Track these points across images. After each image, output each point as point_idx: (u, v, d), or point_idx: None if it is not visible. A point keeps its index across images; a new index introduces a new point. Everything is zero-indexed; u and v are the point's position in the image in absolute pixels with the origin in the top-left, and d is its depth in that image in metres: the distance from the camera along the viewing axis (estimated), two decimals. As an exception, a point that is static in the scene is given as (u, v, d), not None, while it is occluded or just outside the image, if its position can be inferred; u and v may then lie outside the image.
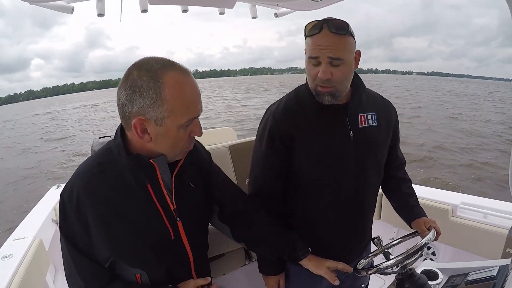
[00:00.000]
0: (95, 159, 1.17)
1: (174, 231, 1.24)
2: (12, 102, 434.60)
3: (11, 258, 2.01)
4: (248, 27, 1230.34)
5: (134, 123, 1.06)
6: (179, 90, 1.05)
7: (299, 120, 1.51)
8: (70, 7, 2.08)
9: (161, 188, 1.20)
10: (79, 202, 1.10)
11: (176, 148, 1.16)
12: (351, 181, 1.54)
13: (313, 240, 1.58)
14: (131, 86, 1.03)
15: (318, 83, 1.41)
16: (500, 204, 2.54)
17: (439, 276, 1.47)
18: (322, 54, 1.34)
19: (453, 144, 14.40)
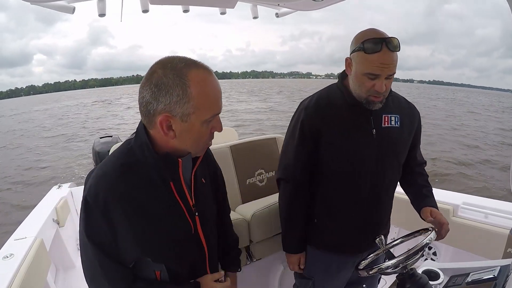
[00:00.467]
0: (118, 160, 1.18)
1: (194, 225, 1.27)
2: (13, 97, 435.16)
3: (12, 258, 2.01)
4: (251, 30, 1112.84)
5: (161, 120, 1.08)
6: (204, 87, 1.08)
7: (328, 115, 1.66)
8: (71, 7, 2.08)
9: (182, 185, 1.23)
10: (107, 203, 1.09)
11: (199, 144, 1.19)
12: (370, 175, 1.68)
13: (331, 227, 1.79)
14: (157, 84, 1.05)
15: (372, 94, 1.54)
16: (501, 204, 2.54)
17: (440, 276, 1.47)
18: (383, 72, 1.48)
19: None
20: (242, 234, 2.03)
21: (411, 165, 1.85)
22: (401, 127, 1.68)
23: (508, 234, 2.06)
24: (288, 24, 76.50)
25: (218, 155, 2.39)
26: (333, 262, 1.85)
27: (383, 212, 1.81)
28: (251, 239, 2.12)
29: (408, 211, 1.82)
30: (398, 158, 1.74)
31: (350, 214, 1.75)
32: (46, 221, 2.74)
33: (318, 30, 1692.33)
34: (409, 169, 1.85)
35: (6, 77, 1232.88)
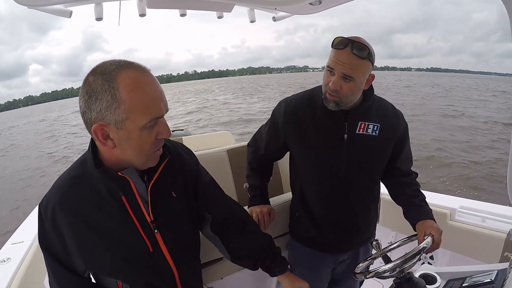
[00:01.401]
0: (70, 172, 1.16)
1: (152, 243, 1.20)
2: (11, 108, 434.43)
3: (9, 262, 2.00)
4: (246, 28, 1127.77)
5: (94, 129, 1.01)
6: (136, 87, 0.99)
7: (304, 113, 1.73)
8: (68, 11, 2.08)
9: (136, 200, 1.16)
10: (54, 215, 1.09)
11: (142, 153, 1.09)
12: (337, 178, 1.73)
13: (308, 222, 1.87)
14: (88, 91, 0.99)
15: (327, 90, 1.58)
16: (499, 208, 2.55)
17: (437, 280, 1.47)
18: (337, 68, 1.52)
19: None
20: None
21: (396, 176, 1.86)
22: (379, 136, 1.69)
23: (505, 238, 2.07)
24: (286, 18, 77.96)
25: (215, 159, 2.39)
26: (313, 257, 1.92)
27: (357, 218, 1.84)
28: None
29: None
30: (371, 166, 1.76)
31: (322, 211, 1.82)
32: None
33: (313, 23, 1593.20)
34: (395, 180, 1.87)
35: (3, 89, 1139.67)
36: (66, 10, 2.07)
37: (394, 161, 1.81)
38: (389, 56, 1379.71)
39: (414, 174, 1.88)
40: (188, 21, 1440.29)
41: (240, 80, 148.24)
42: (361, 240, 1.90)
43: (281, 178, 2.62)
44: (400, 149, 1.79)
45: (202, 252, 1.61)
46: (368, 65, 1.54)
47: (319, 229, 1.85)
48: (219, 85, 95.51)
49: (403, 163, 1.84)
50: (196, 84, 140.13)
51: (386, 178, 1.88)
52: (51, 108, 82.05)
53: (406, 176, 1.86)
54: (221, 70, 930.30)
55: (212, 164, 2.32)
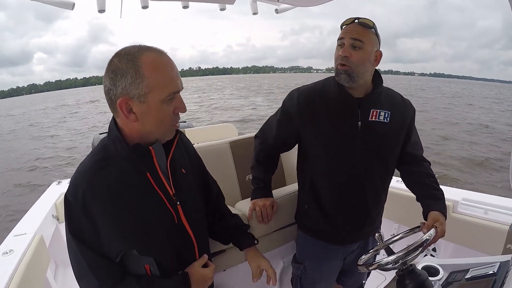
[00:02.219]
0: (93, 157, 1.21)
1: (176, 215, 1.29)
2: (14, 96, 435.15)
3: (11, 254, 2.01)
4: (252, 25, 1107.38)
5: (120, 102, 1.11)
6: (156, 66, 1.12)
7: (316, 102, 1.74)
8: (71, 3, 2.07)
9: (159, 175, 1.25)
10: (85, 200, 1.12)
11: (162, 125, 1.20)
12: (352, 166, 1.74)
13: (318, 214, 1.86)
14: (113, 70, 1.11)
15: (339, 62, 1.63)
16: (501, 200, 2.54)
17: (439, 272, 1.48)
18: (346, 35, 1.60)
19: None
20: (241, 230, 2.03)
21: (408, 162, 1.87)
22: (390, 123, 1.72)
23: (508, 230, 2.07)
24: (289, 18, 76.59)
25: (218, 151, 2.39)
26: (322, 249, 1.92)
27: (370, 206, 1.84)
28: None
29: (408, 207, 1.82)
30: (384, 153, 1.77)
31: (334, 201, 1.82)
32: (45, 217, 2.74)
33: (319, 24, 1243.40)
34: (410, 167, 1.88)
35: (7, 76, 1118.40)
36: (69, 2, 2.07)
37: (405, 146, 1.83)
38: (393, 60, 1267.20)
39: (428, 162, 1.89)
40: (194, 17, 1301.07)
41: (244, 79, 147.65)
42: (371, 230, 1.90)
43: (284, 170, 2.62)
44: (408, 133, 1.82)
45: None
46: (374, 37, 1.63)
47: (330, 220, 1.84)
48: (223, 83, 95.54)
49: (414, 148, 1.86)
50: (202, 81, 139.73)
51: (400, 164, 1.89)
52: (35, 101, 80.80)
53: (420, 164, 1.87)
54: (225, 68, 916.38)
55: (215, 156, 2.32)
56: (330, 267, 1.97)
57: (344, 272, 2.05)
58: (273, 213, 2.01)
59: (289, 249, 2.24)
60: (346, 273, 2.06)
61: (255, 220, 2.00)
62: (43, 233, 2.42)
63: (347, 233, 1.87)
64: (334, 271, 2.01)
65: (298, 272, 2.03)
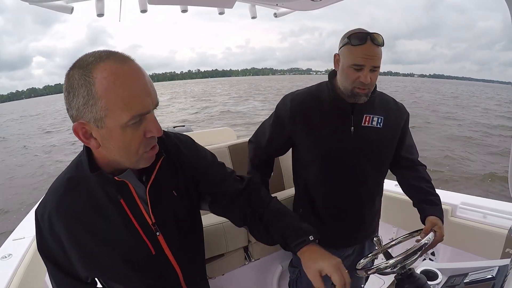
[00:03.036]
0: (66, 174, 1.09)
1: (154, 246, 1.15)
2: (14, 100, 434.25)
3: (10, 258, 2.00)
4: (251, 27, 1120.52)
5: (74, 127, 0.93)
6: (114, 82, 0.88)
7: (309, 107, 1.74)
8: (69, 7, 2.08)
9: (135, 202, 1.10)
10: (51, 221, 1.04)
11: (129, 153, 0.98)
12: (345, 171, 1.75)
13: (312, 218, 1.86)
14: (67, 87, 0.91)
15: (357, 86, 1.59)
16: (500, 204, 2.54)
17: (438, 276, 1.47)
18: (367, 63, 1.54)
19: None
20: (240, 234, 2.04)
21: (404, 166, 1.88)
22: (383, 128, 1.73)
23: (506, 234, 2.07)
24: (288, 20, 76.71)
25: (216, 155, 2.39)
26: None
27: (364, 210, 1.85)
28: (249, 239, 2.12)
29: (406, 211, 1.82)
30: (377, 158, 1.78)
31: (328, 206, 1.83)
32: None
33: (318, 26, 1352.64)
34: (404, 171, 1.89)
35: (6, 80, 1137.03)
36: (67, 6, 2.07)
37: (399, 150, 1.83)
38: (392, 62, 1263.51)
39: (423, 166, 1.89)
40: (193, 19, 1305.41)
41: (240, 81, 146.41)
42: (366, 234, 1.91)
43: (282, 174, 2.62)
44: (402, 137, 1.82)
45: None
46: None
47: (324, 224, 1.84)
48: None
49: (409, 152, 1.86)
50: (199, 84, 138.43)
51: (395, 168, 1.90)
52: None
53: (416, 168, 1.87)
54: (225, 70, 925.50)
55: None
56: None
57: None
58: None
59: (287, 253, 2.23)
60: None
61: None
62: None
63: (342, 238, 1.88)
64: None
65: (293, 276, 2.03)
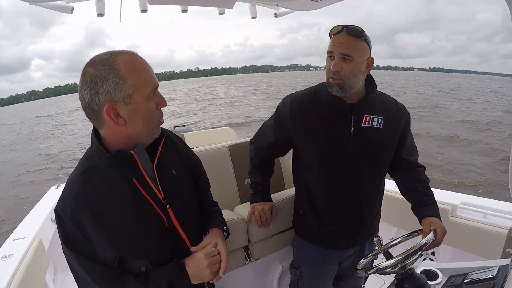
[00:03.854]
0: (78, 169, 1.20)
1: (167, 218, 1.28)
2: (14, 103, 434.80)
3: (10, 258, 2.01)
4: (249, 25, 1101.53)
5: (107, 109, 1.11)
6: (134, 66, 1.13)
7: (309, 107, 1.75)
8: (70, 7, 2.08)
9: (145, 180, 1.24)
10: (74, 213, 1.12)
11: (150, 123, 1.21)
12: (345, 171, 1.74)
13: (313, 219, 1.87)
14: (91, 80, 1.09)
15: (330, 75, 1.63)
16: (500, 204, 2.54)
17: (438, 276, 1.48)
18: (335, 49, 1.60)
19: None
20: (240, 234, 2.04)
21: (403, 168, 1.88)
22: (383, 129, 1.72)
23: (506, 234, 2.07)
24: (287, 17, 78.90)
25: (216, 155, 2.39)
26: (318, 254, 1.93)
27: (364, 211, 1.84)
28: (249, 239, 2.12)
29: (406, 211, 1.82)
30: (377, 159, 1.78)
31: (329, 207, 1.82)
32: (44, 221, 2.74)
33: (317, 22, 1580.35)
34: (403, 173, 1.89)
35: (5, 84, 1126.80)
36: (68, 6, 2.07)
37: (399, 151, 1.83)
38: (392, 56, 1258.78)
39: (422, 167, 1.89)
40: (191, 18, 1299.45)
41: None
42: (366, 235, 1.91)
43: (283, 174, 2.62)
44: (403, 138, 1.82)
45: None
46: (365, 46, 1.61)
47: (324, 225, 1.85)
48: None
49: (408, 154, 1.86)
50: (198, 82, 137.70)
51: (394, 170, 1.90)
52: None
53: (414, 169, 1.87)
54: (224, 68, 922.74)
55: (214, 160, 2.32)
56: (326, 271, 1.98)
57: (341, 276, 2.05)
58: (272, 217, 2.01)
59: (288, 253, 2.24)
60: (343, 277, 2.06)
61: (254, 224, 2.01)
62: (42, 237, 2.42)
63: (342, 238, 1.88)
64: (330, 275, 2.02)
65: (295, 278, 2.03)
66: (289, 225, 2.11)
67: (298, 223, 2.02)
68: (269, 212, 1.99)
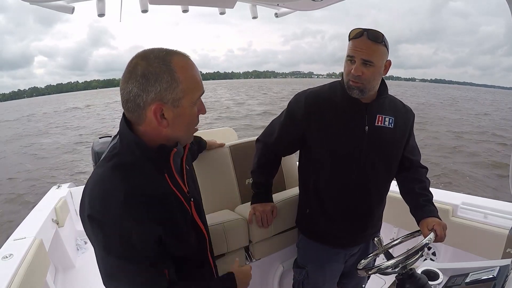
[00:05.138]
0: (109, 165, 1.12)
1: (190, 211, 1.31)
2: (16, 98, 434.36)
3: (11, 258, 2.01)
4: (253, 30, 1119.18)
5: (154, 109, 1.07)
6: (188, 70, 1.11)
7: (323, 104, 1.76)
8: (71, 7, 2.08)
9: (174, 175, 1.25)
10: (117, 213, 1.05)
11: (191, 128, 1.21)
12: (358, 169, 1.75)
13: (320, 217, 1.87)
14: (144, 74, 1.05)
15: (350, 78, 1.63)
16: (501, 204, 2.54)
17: (439, 276, 1.48)
18: (357, 55, 1.59)
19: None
20: (241, 234, 2.03)
21: (406, 167, 1.89)
22: (394, 128, 1.75)
23: (507, 234, 2.07)
24: (291, 23, 76.75)
25: (217, 155, 2.39)
26: (324, 253, 1.93)
27: (373, 208, 1.86)
28: (250, 239, 2.12)
29: (407, 211, 1.82)
30: (388, 157, 1.80)
31: (338, 205, 1.82)
32: (45, 221, 2.74)
33: (321, 29, 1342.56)
34: (405, 172, 1.90)
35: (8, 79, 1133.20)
36: (69, 6, 2.07)
37: (403, 150, 1.85)
38: (394, 66, 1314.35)
39: (425, 168, 1.91)
40: (195, 21, 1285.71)
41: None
42: (373, 232, 1.92)
43: (283, 174, 2.62)
44: (408, 138, 1.84)
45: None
46: (384, 50, 1.61)
47: (333, 224, 1.85)
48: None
49: (411, 153, 1.88)
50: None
51: (398, 169, 1.90)
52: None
53: (415, 169, 1.89)
54: (226, 72, 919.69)
55: (215, 160, 2.31)
56: (332, 270, 1.97)
57: (345, 274, 2.05)
58: (273, 218, 2.01)
59: (289, 253, 2.24)
60: (347, 275, 2.06)
61: (255, 225, 2.00)
62: (42, 237, 2.42)
63: (350, 236, 1.88)
64: (336, 274, 2.01)
65: (300, 277, 2.02)
66: (290, 225, 2.11)
67: (303, 222, 2.01)
68: (270, 213, 1.99)
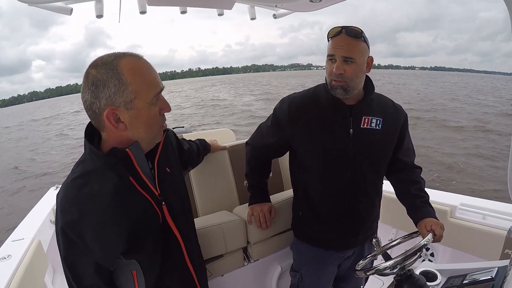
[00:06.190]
0: (73, 177, 1.15)
1: (161, 215, 1.29)
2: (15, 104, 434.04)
3: (9, 259, 2.00)
4: (250, 25, 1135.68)
5: (106, 114, 1.09)
6: (137, 70, 1.11)
7: (307, 109, 1.74)
8: (69, 8, 2.08)
9: (141, 178, 1.23)
10: (75, 223, 1.10)
11: (152, 128, 1.20)
12: (344, 172, 1.74)
13: (312, 220, 1.88)
14: (93, 82, 1.08)
15: (333, 78, 1.62)
16: (499, 205, 2.54)
17: (437, 277, 1.47)
18: (337, 52, 1.59)
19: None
20: (239, 235, 2.04)
21: (400, 169, 1.89)
22: (382, 130, 1.73)
23: (505, 235, 2.07)
24: (288, 16, 79.77)
25: (216, 156, 2.39)
26: (317, 256, 1.92)
27: (364, 211, 1.85)
28: (248, 240, 2.12)
29: (405, 212, 1.82)
30: (376, 160, 1.78)
31: (328, 208, 1.82)
32: (43, 222, 2.73)
33: (318, 20, 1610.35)
34: (399, 174, 1.90)
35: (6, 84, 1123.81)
36: (67, 7, 2.07)
37: (396, 152, 1.83)
38: (393, 55, 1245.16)
39: (419, 168, 1.90)
40: (192, 17, 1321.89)
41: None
42: (366, 236, 1.91)
43: (281, 175, 2.62)
44: (401, 139, 1.82)
45: (202, 250, 1.62)
46: (364, 46, 1.61)
47: (324, 227, 1.85)
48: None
49: (405, 155, 1.87)
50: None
51: (389, 171, 1.90)
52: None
53: (409, 170, 1.88)
54: (225, 68, 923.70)
55: (213, 161, 2.32)
56: (326, 272, 1.97)
57: (341, 278, 2.05)
58: (271, 218, 2.01)
59: (287, 254, 2.24)
60: (343, 279, 2.06)
61: (254, 226, 2.01)
62: (41, 238, 2.41)
63: (342, 239, 1.88)
64: (331, 277, 2.01)
65: (295, 281, 2.03)
66: (288, 226, 2.11)
67: (297, 226, 2.01)
68: (268, 213, 1.99)
